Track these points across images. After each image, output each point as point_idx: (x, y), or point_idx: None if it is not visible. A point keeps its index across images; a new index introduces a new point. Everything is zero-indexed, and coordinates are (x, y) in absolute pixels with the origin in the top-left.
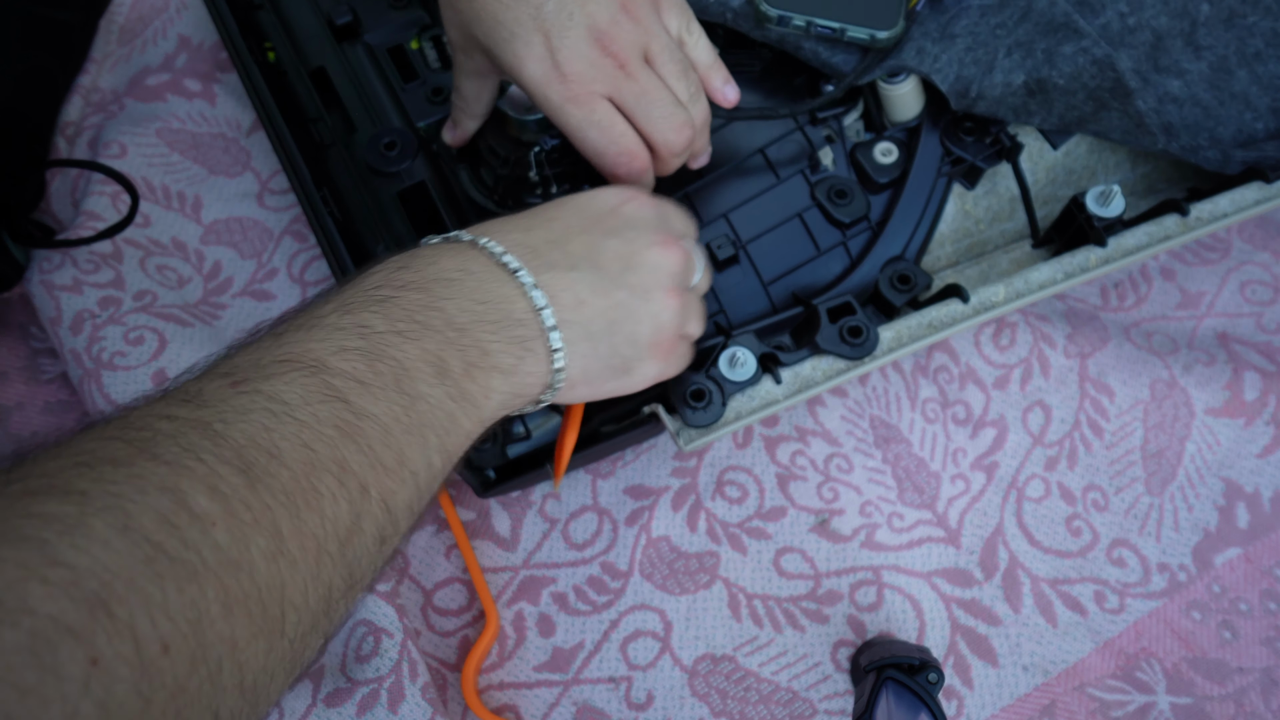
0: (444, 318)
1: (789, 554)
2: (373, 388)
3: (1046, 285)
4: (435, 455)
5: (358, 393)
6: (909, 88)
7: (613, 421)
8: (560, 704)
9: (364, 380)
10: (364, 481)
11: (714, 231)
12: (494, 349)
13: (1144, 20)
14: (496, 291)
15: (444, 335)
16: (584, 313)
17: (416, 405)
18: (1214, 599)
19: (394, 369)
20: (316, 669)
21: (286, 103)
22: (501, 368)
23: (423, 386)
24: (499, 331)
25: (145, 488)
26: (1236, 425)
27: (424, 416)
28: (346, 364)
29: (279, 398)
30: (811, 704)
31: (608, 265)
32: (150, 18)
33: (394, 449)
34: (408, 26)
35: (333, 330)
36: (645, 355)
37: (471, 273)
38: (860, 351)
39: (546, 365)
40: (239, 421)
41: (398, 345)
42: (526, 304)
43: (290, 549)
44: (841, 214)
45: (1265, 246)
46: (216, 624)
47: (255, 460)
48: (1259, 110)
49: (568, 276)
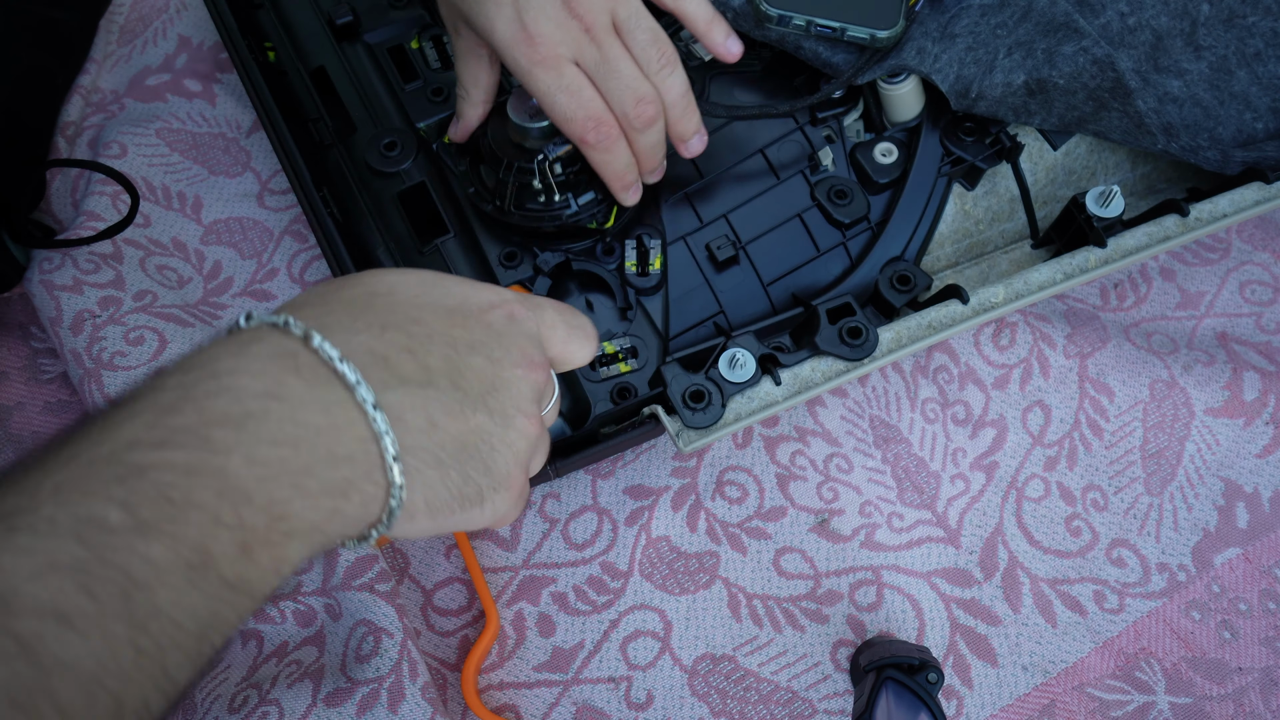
0: (219, 484)
1: (789, 554)
2: (78, 625)
3: (1046, 286)
4: (180, 671)
5: (54, 638)
6: (909, 88)
7: (612, 423)
8: (560, 704)
9: (68, 615)
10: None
11: (714, 232)
12: (296, 509)
13: (1144, 20)
14: (315, 422)
15: (213, 514)
16: (435, 437)
17: (149, 627)
18: (1213, 599)
19: (121, 585)
20: (316, 669)
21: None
22: (303, 529)
23: (165, 596)
24: (309, 479)
25: None
26: (1236, 425)
27: (162, 638)
28: (46, 592)
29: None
30: (811, 704)
31: (468, 384)
32: (150, 18)
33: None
34: (408, 26)
35: (42, 537)
36: (500, 486)
37: (283, 399)
38: (860, 352)
39: (378, 503)
40: None
41: (134, 548)
42: (360, 432)
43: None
44: (841, 214)
45: (1265, 246)
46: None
47: None
48: (1259, 110)
49: (421, 394)
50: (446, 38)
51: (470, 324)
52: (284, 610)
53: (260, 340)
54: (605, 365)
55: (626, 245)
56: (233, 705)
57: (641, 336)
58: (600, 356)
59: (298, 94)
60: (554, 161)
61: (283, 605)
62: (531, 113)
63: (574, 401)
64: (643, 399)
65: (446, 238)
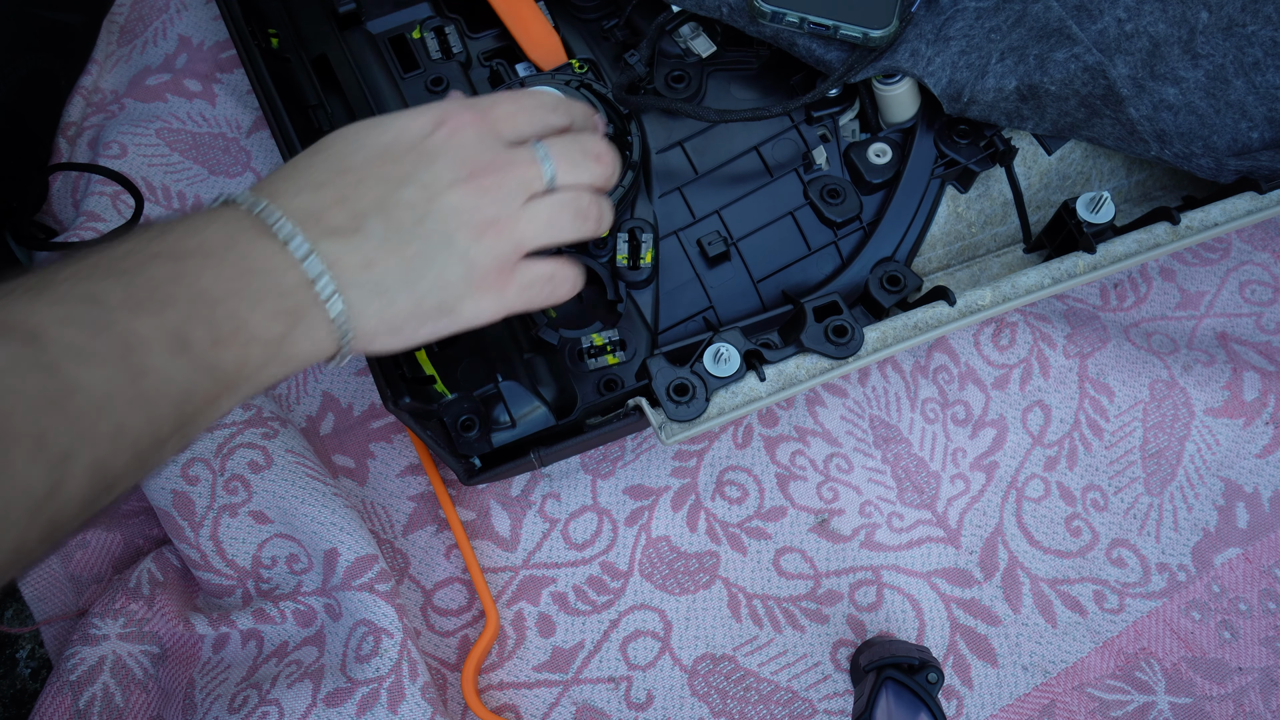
0: (193, 290)
1: (789, 554)
2: (91, 359)
3: (1033, 290)
4: (166, 423)
5: (73, 363)
6: (904, 89)
7: (598, 414)
8: (560, 704)
9: (83, 350)
10: (67, 450)
11: (706, 227)
12: (253, 321)
13: (1141, 27)
14: (264, 263)
15: (188, 309)
16: (373, 273)
17: (144, 378)
18: (1213, 599)
19: (121, 341)
20: (316, 669)
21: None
22: (263, 339)
23: (154, 360)
24: (261, 303)
25: None
26: (1236, 425)
27: (153, 388)
28: (66, 333)
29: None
30: (811, 704)
31: (398, 218)
32: (150, 18)
33: (111, 420)
34: (410, 16)
35: (60, 299)
36: (466, 294)
37: (236, 244)
38: (845, 351)
39: (327, 330)
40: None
41: (130, 318)
42: (298, 275)
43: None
44: (833, 213)
45: (1265, 246)
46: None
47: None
48: (1255, 120)
49: (352, 240)
50: (448, 28)
51: (403, 158)
52: (284, 610)
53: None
54: (593, 357)
55: (618, 238)
56: (233, 705)
57: (631, 330)
58: (589, 348)
59: (299, 81)
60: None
61: (283, 605)
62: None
63: (560, 392)
64: (628, 391)
65: None
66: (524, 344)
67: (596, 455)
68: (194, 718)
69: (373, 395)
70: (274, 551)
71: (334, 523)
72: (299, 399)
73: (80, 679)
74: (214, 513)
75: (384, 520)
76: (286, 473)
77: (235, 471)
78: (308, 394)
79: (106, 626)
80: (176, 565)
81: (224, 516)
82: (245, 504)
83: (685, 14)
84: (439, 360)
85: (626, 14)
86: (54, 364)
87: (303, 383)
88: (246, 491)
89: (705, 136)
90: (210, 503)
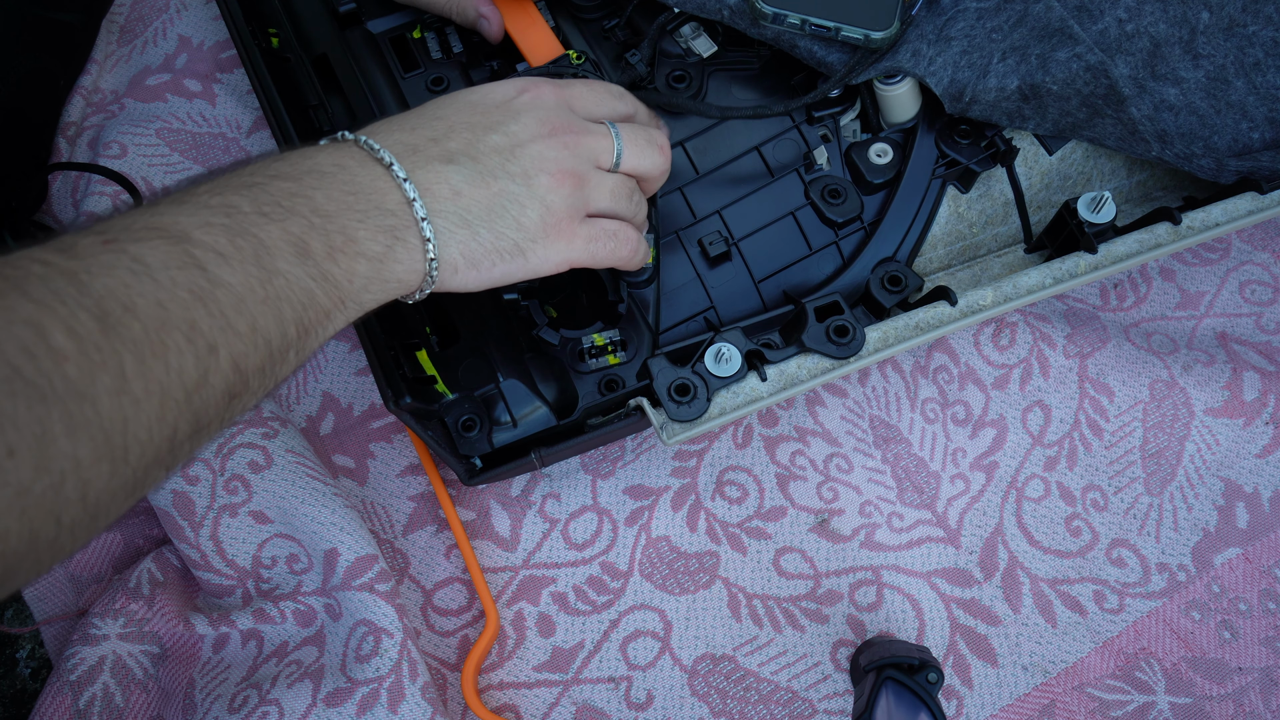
0: (311, 205)
1: (789, 554)
2: (231, 260)
3: (1034, 290)
4: (291, 327)
5: (216, 263)
6: (905, 89)
7: (599, 414)
8: (560, 704)
9: (223, 252)
10: (213, 342)
11: (707, 227)
12: (360, 236)
13: (1142, 27)
14: (369, 184)
15: (308, 220)
16: (460, 202)
17: (274, 280)
18: (1213, 599)
19: (254, 245)
20: (316, 669)
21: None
22: (368, 254)
23: (281, 264)
24: (367, 220)
25: (12, 319)
26: (1236, 425)
27: (281, 291)
28: (209, 237)
29: (142, 259)
30: (811, 704)
31: (485, 158)
32: (150, 18)
33: (247, 317)
34: (410, 16)
35: (201, 207)
36: (538, 237)
37: (345, 168)
38: (846, 351)
39: (420, 254)
40: (103, 275)
41: (260, 225)
42: (399, 196)
43: (134, 390)
44: (835, 213)
45: (1265, 246)
46: (59, 442)
47: (111, 311)
48: (1255, 120)
49: (443, 170)
50: (449, 28)
51: (491, 112)
52: (284, 610)
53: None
54: (594, 357)
55: None
56: (233, 705)
57: (632, 330)
58: (590, 348)
59: (299, 81)
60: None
61: (283, 605)
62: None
63: (561, 392)
64: (629, 391)
65: None
66: (525, 344)
67: (596, 455)
68: (194, 718)
69: (373, 395)
70: (274, 551)
71: (334, 523)
72: (299, 399)
73: (80, 679)
74: (214, 513)
75: (384, 520)
76: (286, 473)
77: (235, 471)
78: (308, 394)
79: (106, 626)
80: (176, 565)
81: (224, 516)
82: (245, 504)
83: (686, 14)
84: (440, 360)
85: (627, 14)
86: (200, 263)
87: (303, 383)
88: (246, 491)
89: (706, 136)
90: (210, 503)
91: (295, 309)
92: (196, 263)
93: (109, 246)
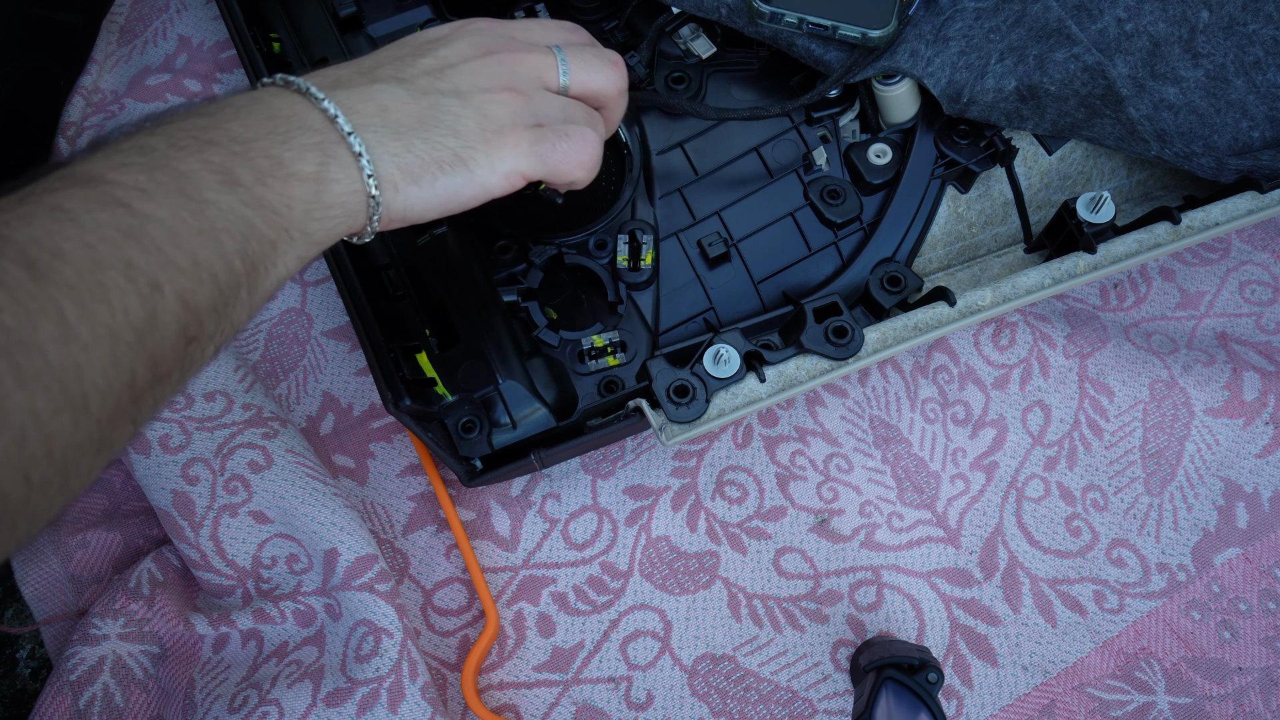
0: (228, 134)
1: (789, 554)
2: (154, 195)
3: (1034, 290)
4: (236, 259)
5: (139, 199)
6: (904, 89)
7: (598, 415)
8: (560, 704)
9: (145, 188)
10: (154, 279)
11: (706, 229)
12: (287, 157)
13: (1142, 26)
14: (287, 110)
15: (228, 149)
16: (389, 117)
17: (205, 210)
18: (1213, 599)
19: (176, 178)
20: (316, 669)
21: None
22: (300, 175)
23: (209, 194)
24: (291, 140)
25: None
26: (1236, 425)
27: (215, 221)
28: (126, 176)
29: (60, 206)
30: (811, 704)
31: (414, 80)
32: (150, 18)
33: (185, 250)
34: (410, 19)
35: (113, 151)
36: (479, 144)
37: (261, 100)
38: (845, 352)
39: (356, 170)
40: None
41: (178, 159)
42: (320, 115)
43: (81, 334)
44: (834, 214)
45: (1265, 246)
46: (13, 395)
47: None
48: (1255, 119)
49: (368, 90)
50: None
51: (423, 47)
52: (284, 610)
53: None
54: (594, 359)
55: (619, 240)
56: (233, 705)
57: (631, 331)
58: (589, 349)
59: None
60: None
61: (283, 605)
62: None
63: (561, 393)
64: (629, 392)
65: (441, 229)
66: (524, 345)
67: (596, 455)
68: (194, 718)
69: (373, 395)
70: (274, 551)
71: (334, 523)
72: (299, 399)
73: (80, 679)
74: (214, 513)
75: (384, 520)
76: (286, 473)
77: (235, 471)
78: (308, 394)
79: (106, 626)
80: (176, 565)
81: (224, 516)
82: (245, 504)
83: (685, 15)
84: (440, 362)
85: (626, 15)
86: (123, 200)
87: (303, 383)
88: (246, 491)
89: (705, 138)
90: (210, 503)
91: (236, 239)
92: (118, 200)
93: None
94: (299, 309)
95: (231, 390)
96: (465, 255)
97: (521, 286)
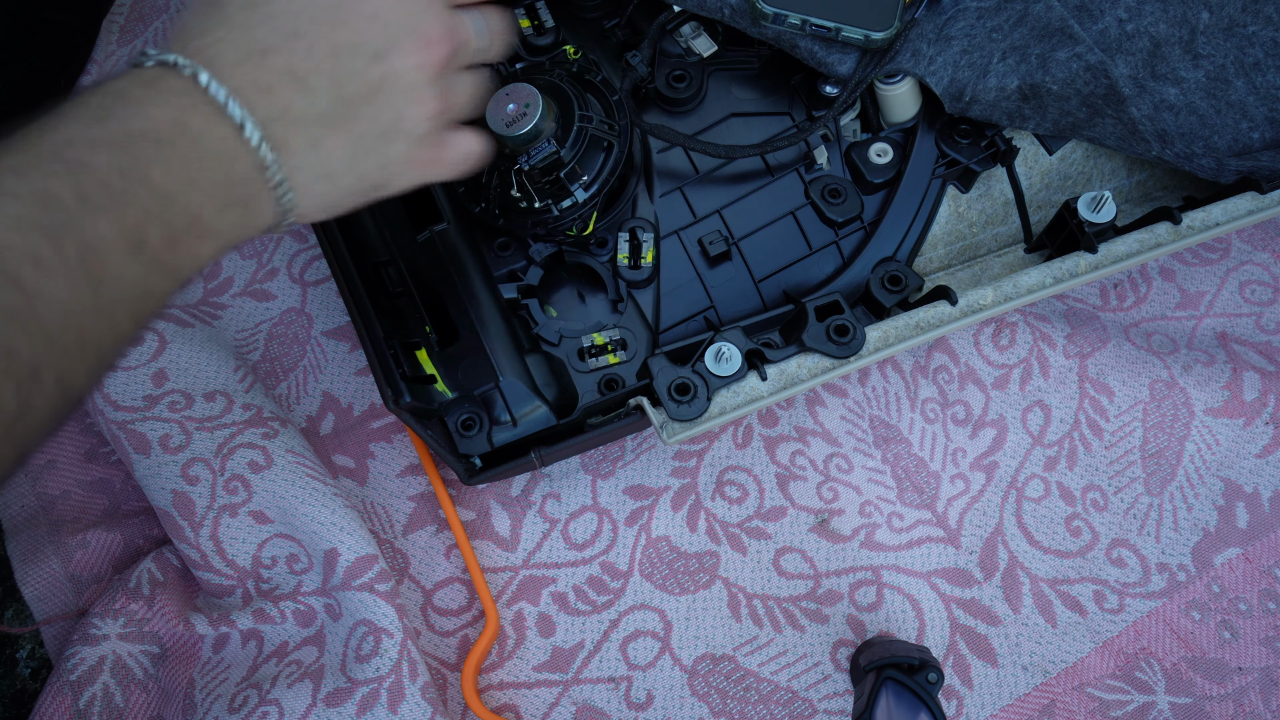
0: (149, 187)
1: (789, 554)
2: (53, 270)
3: (1035, 290)
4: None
5: (33, 275)
6: (905, 89)
7: (599, 413)
8: (560, 704)
9: (42, 260)
10: (35, 366)
11: (707, 227)
12: (208, 216)
13: (1142, 27)
14: (216, 148)
15: (145, 209)
16: (320, 153)
17: (104, 287)
18: (1213, 599)
19: (79, 249)
20: (316, 669)
21: None
22: (214, 233)
23: (115, 268)
24: (217, 195)
25: None
26: (1236, 425)
27: (114, 296)
28: (23, 240)
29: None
30: (811, 704)
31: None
32: (150, 18)
33: (74, 330)
34: None
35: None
36: (405, 170)
37: (187, 130)
38: (846, 350)
39: (272, 213)
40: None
41: (87, 220)
42: (251, 161)
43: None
44: (835, 213)
45: (1265, 246)
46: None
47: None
48: (1255, 120)
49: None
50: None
51: (353, 20)
52: (284, 610)
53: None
54: (594, 357)
55: (619, 238)
56: (233, 705)
57: (631, 329)
58: (590, 347)
59: None
60: (531, 170)
61: (283, 605)
62: (508, 121)
63: (561, 391)
64: (629, 390)
65: (442, 226)
66: (525, 343)
67: (596, 455)
68: (194, 718)
69: (373, 395)
70: (274, 551)
71: (334, 523)
72: (299, 399)
73: (80, 679)
74: (214, 513)
75: (384, 520)
76: (286, 473)
77: (235, 471)
78: (308, 394)
79: (106, 626)
80: (176, 565)
81: (224, 516)
82: (245, 504)
83: (686, 14)
84: (440, 359)
85: (628, 14)
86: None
87: (303, 382)
88: (246, 491)
89: (706, 136)
90: (210, 503)
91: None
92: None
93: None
94: (299, 309)
95: (231, 390)
96: (465, 252)
97: (521, 283)
